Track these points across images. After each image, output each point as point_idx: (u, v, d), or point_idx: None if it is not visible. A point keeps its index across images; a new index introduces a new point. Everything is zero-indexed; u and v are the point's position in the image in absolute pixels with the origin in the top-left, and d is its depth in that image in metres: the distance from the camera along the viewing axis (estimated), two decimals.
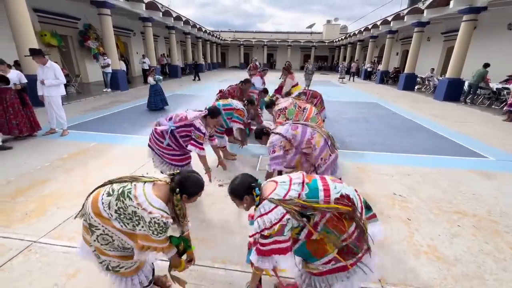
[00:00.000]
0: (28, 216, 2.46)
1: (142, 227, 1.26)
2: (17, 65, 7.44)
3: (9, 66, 4.54)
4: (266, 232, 1.25)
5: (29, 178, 3.21)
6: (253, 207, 1.41)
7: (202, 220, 2.49)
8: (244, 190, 1.39)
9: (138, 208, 1.24)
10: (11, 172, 3.35)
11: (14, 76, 4.53)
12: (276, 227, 1.22)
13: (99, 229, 1.30)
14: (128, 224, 1.28)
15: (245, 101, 4.16)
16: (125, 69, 13.26)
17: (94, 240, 1.33)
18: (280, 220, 1.22)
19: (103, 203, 1.29)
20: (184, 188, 1.36)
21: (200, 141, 2.50)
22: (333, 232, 1.25)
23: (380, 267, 1.95)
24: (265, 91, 5.52)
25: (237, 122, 3.62)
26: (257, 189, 1.36)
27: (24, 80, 4.67)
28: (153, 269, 1.63)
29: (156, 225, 1.24)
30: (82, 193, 2.88)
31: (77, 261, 1.92)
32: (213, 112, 2.64)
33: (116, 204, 1.27)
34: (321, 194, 1.27)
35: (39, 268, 1.87)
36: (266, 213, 1.26)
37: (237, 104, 3.68)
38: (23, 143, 4.46)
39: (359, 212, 1.30)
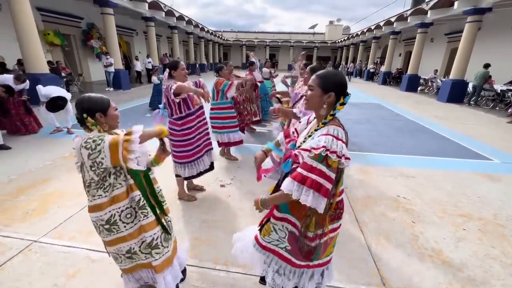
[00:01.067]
0: (29, 215, 2.45)
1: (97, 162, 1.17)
2: (20, 64, 7.47)
3: (20, 79, 4.65)
4: (333, 157, 1.02)
5: (31, 177, 3.20)
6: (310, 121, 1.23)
7: (204, 221, 2.46)
8: (337, 87, 1.11)
9: (85, 157, 1.17)
10: (13, 171, 3.34)
11: (21, 87, 4.66)
12: (341, 160, 1.03)
13: (109, 214, 1.28)
14: (97, 171, 1.21)
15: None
16: (139, 69, 13.43)
17: (125, 227, 1.30)
18: (345, 158, 1.04)
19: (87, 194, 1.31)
20: (88, 109, 1.23)
21: (177, 91, 2.34)
22: (313, 217, 1.16)
23: (385, 270, 1.92)
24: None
25: (229, 89, 3.42)
26: (348, 97, 1.12)
27: (27, 87, 4.77)
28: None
29: (91, 141, 1.15)
30: (84, 192, 2.86)
31: (77, 261, 1.90)
32: (170, 65, 2.46)
33: (85, 176, 1.27)
34: (344, 183, 1.24)
35: (39, 268, 1.85)
36: (340, 140, 1.07)
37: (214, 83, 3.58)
38: (25, 142, 4.46)
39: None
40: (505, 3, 8.76)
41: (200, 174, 2.76)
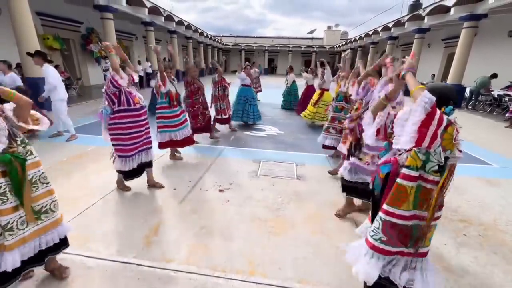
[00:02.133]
0: None
1: None
2: (19, 68, 7.46)
3: (9, 67, 4.58)
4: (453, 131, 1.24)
5: None
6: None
7: (202, 227, 2.43)
8: (440, 97, 1.26)
9: None
10: None
11: (7, 80, 4.60)
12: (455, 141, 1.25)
13: None
14: None
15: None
16: (142, 74, 13.10)
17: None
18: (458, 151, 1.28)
19: None
20: None
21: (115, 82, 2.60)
22: (419, 198, 1.32)
23: None
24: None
25: (160, 86, 3.76)
26: (449, 108, 1.26)
27: (19, 83, 4.67)
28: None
29: None
30: (81, 197, 2.84)
31: (73, 268, 1.87)
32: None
33: None
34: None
35: (35, 275, 1.81)
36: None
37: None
38: None
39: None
40: (501, 10, 8.89)
41: (136, 172, 2.94)
